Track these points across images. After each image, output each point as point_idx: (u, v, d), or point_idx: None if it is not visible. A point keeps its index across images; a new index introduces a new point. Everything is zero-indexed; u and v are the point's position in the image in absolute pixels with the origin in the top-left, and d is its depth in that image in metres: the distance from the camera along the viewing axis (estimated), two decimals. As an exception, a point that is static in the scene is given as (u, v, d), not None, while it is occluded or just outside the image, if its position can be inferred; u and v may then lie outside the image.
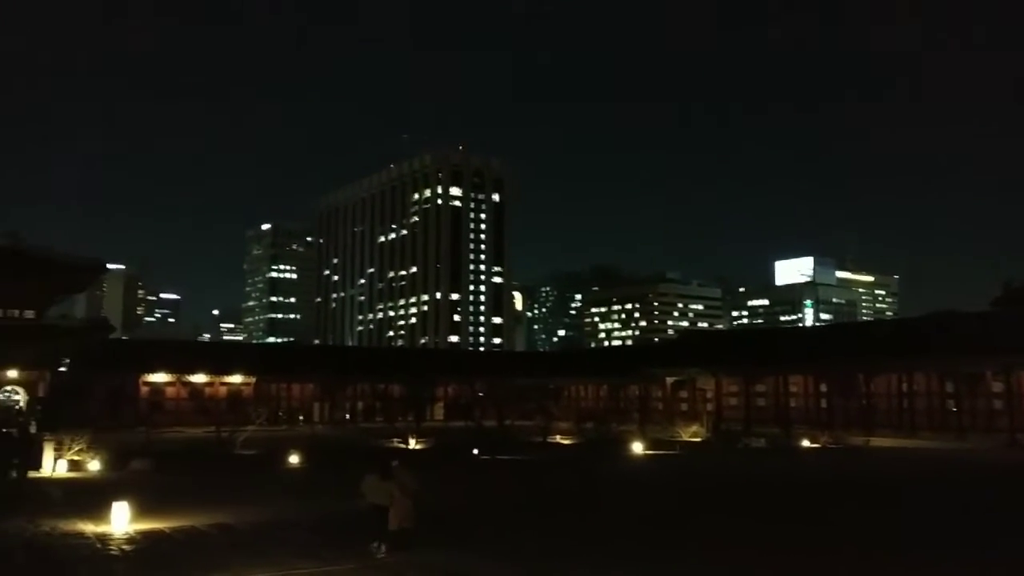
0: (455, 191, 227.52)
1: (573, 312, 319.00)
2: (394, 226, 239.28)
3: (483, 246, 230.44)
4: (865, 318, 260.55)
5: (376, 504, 16.77)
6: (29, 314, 66.56)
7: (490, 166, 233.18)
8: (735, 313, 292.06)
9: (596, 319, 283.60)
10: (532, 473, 36.06)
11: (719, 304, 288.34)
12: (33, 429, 45.60)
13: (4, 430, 39.82)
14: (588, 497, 27.96)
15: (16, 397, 67.51)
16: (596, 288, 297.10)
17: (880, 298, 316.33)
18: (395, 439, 51.83)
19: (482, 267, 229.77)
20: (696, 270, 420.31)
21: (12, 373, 66.08)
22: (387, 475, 16.86)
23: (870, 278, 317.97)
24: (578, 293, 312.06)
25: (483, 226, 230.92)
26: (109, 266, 79.18)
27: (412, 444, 49.41)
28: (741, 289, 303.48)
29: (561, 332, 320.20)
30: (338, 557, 16.28)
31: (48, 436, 35.52)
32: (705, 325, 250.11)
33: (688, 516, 23.04)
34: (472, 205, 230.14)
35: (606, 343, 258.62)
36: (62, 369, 66.05)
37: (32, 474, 31.68)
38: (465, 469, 37.06)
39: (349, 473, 32.10)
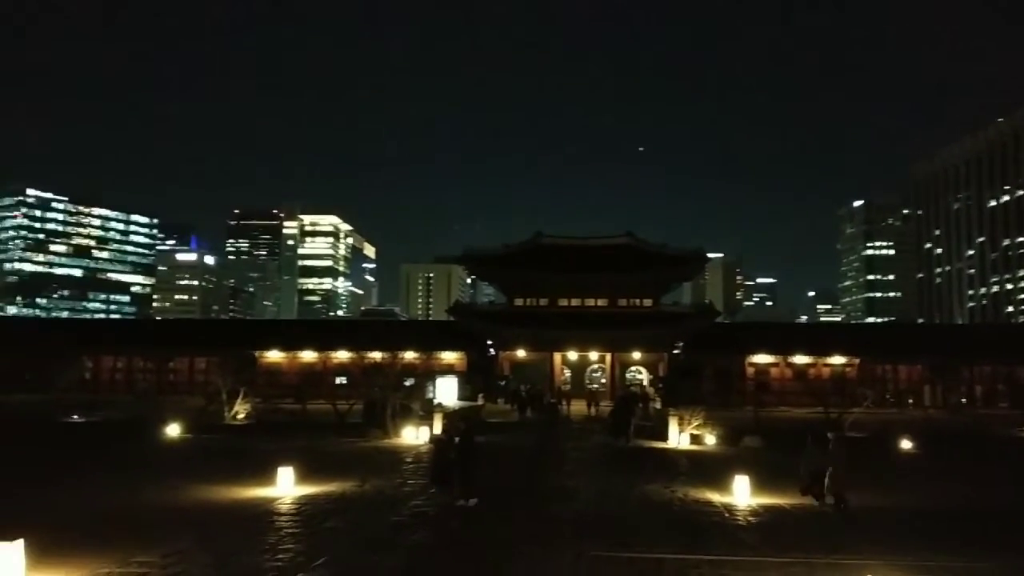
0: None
1: None
2: (1007, 187, 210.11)
3: None
4: None
5: (813, 471, 19.39)
6: (647, 302, 75.16)
7: None
8: None
9: None
10: None
11: None
12: (657, 404, 51.04)
13: (626, 398, 45.53)
14: None
15: (640, 377, 76.82)
16: None
17: None
18: (1026, 428, 45.52)
19: None
20: None
21: (636, 355, 75.28)
22: (824, 447, 19.51)
23: None
24: None
25: None
26: (709, 255, 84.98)
27: (1051, 434, 42.83)
28: None
29: None
30: (978, 555, 14.78)
31: (671, 411, 39.19)
32: None
33: None
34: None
35: None
36: (676, 351, 72.54)
37: (659, 444, 35.39)
38: None
39: (968, 464, 29.40)
